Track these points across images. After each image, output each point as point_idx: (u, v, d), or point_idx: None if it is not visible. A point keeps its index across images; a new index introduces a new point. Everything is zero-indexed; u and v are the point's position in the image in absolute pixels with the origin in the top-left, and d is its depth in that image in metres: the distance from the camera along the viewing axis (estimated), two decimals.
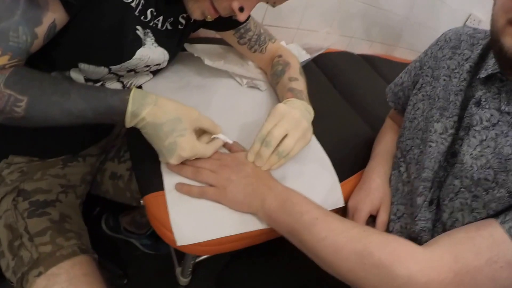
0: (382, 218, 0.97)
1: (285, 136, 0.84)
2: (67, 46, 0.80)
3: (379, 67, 2.20)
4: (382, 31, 2.41)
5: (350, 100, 1.59)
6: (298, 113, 0.88)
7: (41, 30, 0.70)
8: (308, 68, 1.64)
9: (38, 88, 0.70)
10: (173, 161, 0.78)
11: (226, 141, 0.88)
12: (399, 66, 2.30)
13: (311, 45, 1.78)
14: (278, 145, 0.83)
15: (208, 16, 0.89)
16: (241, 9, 0.85)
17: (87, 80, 0.91)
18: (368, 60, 2.25)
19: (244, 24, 1.16)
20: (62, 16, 0.72)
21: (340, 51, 2.14)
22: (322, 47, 1.74)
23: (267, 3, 0.89)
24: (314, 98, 1.22)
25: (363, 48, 2.44)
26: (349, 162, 1.14)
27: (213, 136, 0.87)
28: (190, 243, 0.76)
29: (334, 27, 2.05)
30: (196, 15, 0.89)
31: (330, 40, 1.86)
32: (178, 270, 1.17)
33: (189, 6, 0.88)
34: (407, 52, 2.71)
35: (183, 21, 1.04)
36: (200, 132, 0.86)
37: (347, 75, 1.86)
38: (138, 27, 0.89)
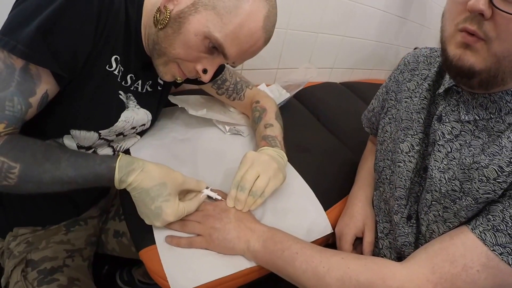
0: (367, 239, 0.99)
1: (258, 177, 0.88)
2: (58, 115, 0.84)
3: (361, 92, 2.22)
4: (359, 57, 2.45)
5: (333, 129, 1.62)
6: (266, 156, 0.93)
7: (35, 100, 0.73)
8: (291, 104, 1.67)
9: (30, 156, 0.71)
10: (159, 224, 0.81)
11: (211, 196, 0.91)
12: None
13: (291, 82, 1.81)
14: (252, 186, 0.88)
15: (178, 78, 0.94)
16: (205, 71, 0.90)
17: (79, 147, 0.94)
18: (350, 86, 2.28)
19: (220, 75, 1.21)
20: (54, 87, 0.76)
21: (321, 82, 2.17)
22: (302, 82, 1.77)
23: (227, 64, 0.93)
24: (298, 133, 1.24)
25: (345, 77, 2.47)
26: (334, 189, 1.17)
27: (202, 195, 0.89)
28: None
29: (313, 61, 2.09)
30: (166, 77, 0.93)
31: (311, 74, 1.89)
32: None
33: (159, 70, 0.92)
34: (386, 73, 2.75)
35: (161, 82, 1.09)
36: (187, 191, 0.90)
37: (328, 104, 1.88)
38: (120, 92, 0.93)
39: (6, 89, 0.69)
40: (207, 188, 0.90)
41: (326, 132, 1.57)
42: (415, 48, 1.17)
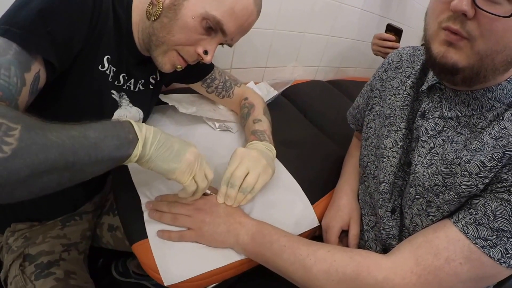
0: (353, 232, 0.99)
1: (248, 174, 0.87)
2: (52, 114, 0.78)
3: (346, 89, 2.22)
4: (344, 56, 2.44)
5: (319, 125, 1.62)
6: (255, 152, 0.92)
7: (28, 78, 0.64)
8: (278, 102, 1.66)
9: (34, 119, 0.55)
10: (178, 165, 0.74)
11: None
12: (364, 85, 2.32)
13: (279, 80, 1.81)
14: (242, 183, 0.87)
15: (178, 66, 0.93)
16: (206, 52, 0.90)
17: None
18: (335, 84, 2.27)
19: (210, 74, 1.20)
20: (44, 73, 0.68)
21: (308, 80, 2.17)
22: (289, 81, 1.77)
23: (225, 43, 0.93)
24: (285, 129, 1.23)
25: (331, 75, 2.46)
26: (320, 184, 1.17)
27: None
28: (177, 282, 0.77)
29: (299, 60, 2.08)
30: (166, 68, 0.92)
31: (298, 72, 1.89)
32: None
33: (158, 61, 0.91)
34: (370, 71, 2.73)
35: (153, 81, 1.07)
36: None
37: (315, 102, 1.88)
38: (113, 91, 0.92)
39: (3, 55, 0.60)
40: None
41: (312, 128, 1.56)
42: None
